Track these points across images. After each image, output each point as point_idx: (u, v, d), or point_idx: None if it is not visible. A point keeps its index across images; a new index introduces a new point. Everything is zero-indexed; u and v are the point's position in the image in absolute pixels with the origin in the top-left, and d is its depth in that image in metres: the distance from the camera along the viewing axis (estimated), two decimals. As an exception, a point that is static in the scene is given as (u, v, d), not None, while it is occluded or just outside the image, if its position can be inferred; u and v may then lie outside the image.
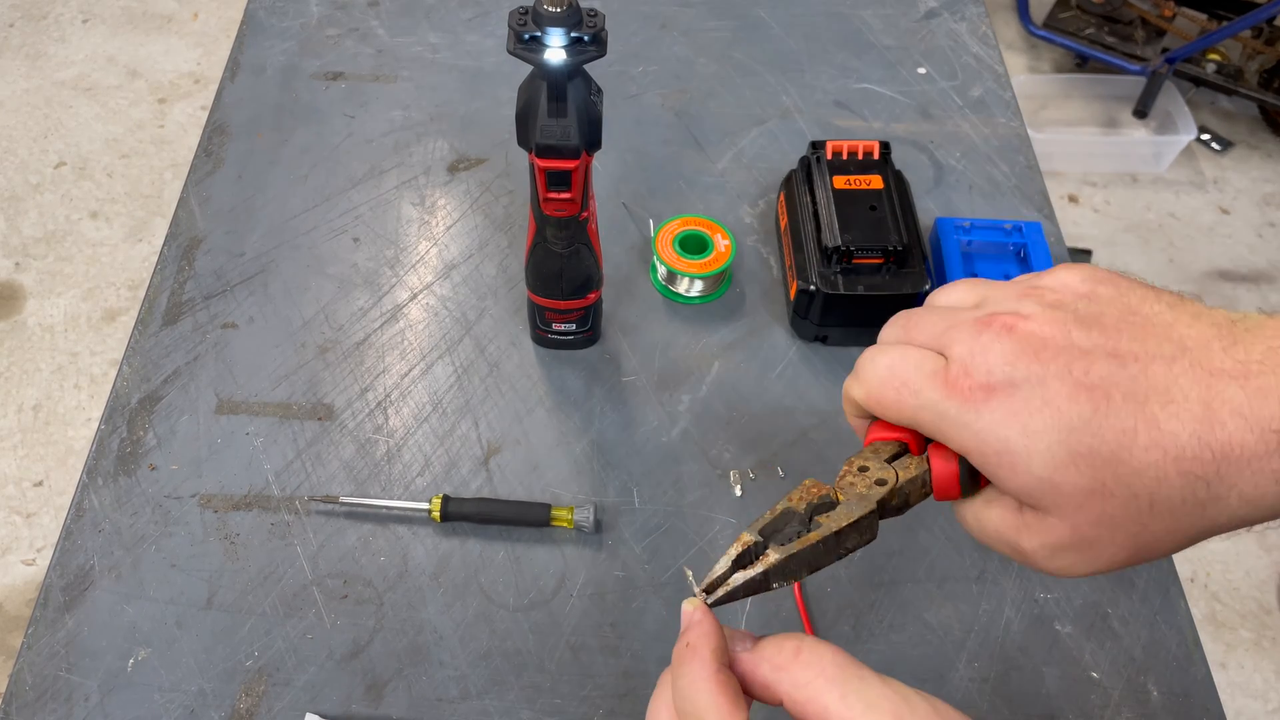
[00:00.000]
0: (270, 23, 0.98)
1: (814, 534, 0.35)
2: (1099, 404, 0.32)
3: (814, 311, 0.72)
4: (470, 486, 0.67)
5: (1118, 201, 2.14)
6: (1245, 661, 1.51)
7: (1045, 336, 0.34)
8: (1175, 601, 0.63)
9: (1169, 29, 2.23)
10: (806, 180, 0.77)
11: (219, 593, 0.62)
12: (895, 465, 0.38)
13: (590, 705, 0.58)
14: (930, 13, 1.01)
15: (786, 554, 0.35)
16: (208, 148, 0.87)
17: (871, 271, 0.71)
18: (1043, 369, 0.33)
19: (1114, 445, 0.32)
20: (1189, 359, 0.32)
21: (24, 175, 2.10)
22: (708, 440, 0.70)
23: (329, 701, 0.58)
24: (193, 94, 2.28)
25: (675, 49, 0.97)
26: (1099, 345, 0.33)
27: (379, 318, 0.76)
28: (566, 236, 0.63)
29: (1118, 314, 0.34)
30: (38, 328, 1.86)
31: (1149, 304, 0.35)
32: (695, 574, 0.38)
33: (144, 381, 0.72)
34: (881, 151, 0.77)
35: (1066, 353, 0.33)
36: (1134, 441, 0.31)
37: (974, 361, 0.34)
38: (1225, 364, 0.31)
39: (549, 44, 0.51)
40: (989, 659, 0.60)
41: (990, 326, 0.35)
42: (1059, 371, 0.33)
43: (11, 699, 0.58)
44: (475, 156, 0.88)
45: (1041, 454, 0.32)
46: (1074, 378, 0.32)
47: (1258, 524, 0.33)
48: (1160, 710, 0.58)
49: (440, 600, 0.62)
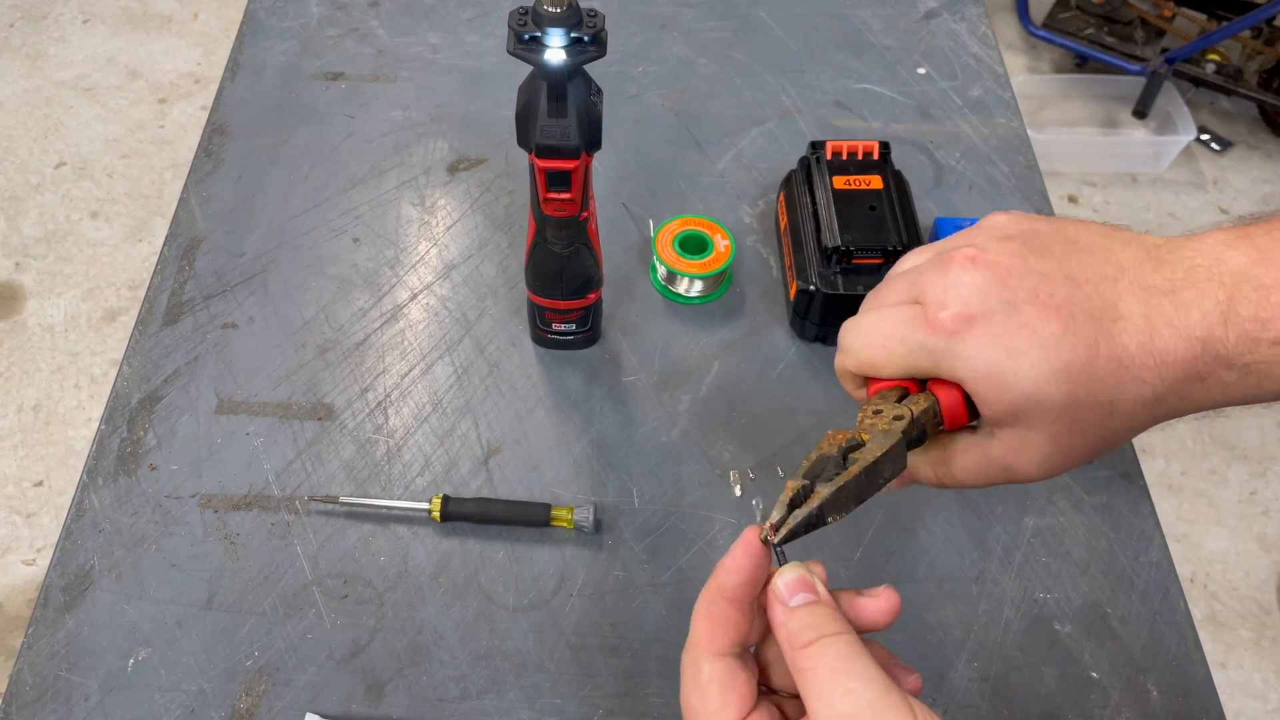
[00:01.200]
0: (270, 23, 0.98)
1: (854, 468, 0.38)
2: (1065, 323, 0.36)
3: (814, 312, 0.72)
4: (470, 486, 0.67)
5: (1117, 202, 2.14)
6: (1245, 661, 1.51)
7: (1007, 265, 0.37)
8: (1175, 601, 0.63)
9: (1169, 29, 2.23)
10: (806, 180, 0.77)
11: (219, 593, 0.62)
12: (905, 403, 0.40)
13: (590, 705, 0.58)
14: (930, 13, 1.02)
15: (835, 488, 0.37)
16: (208, 148, 0.87)
17: (871, 272, 0.71)
18: (1012, 294, 0.37)
19: (1083, 359, 0.36)
20: (1128, 279, 0.37)
21: (24, 175, 2.10)
22: (708, 440, 0.70)
23: (329, 701, 0.58)
24: (193, 94, 2.28)
25: (675, 49, 0.98)
26: (1055, 270, 0.37)
27: (379, 318, 0.76)
28: (566, 236, 0.63)
29: (1062, 243, 0.38)
30: (38, 328, 1.86)
31: (1084, 233, 0.39)
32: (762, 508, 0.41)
33: (144, 381, 0.72)
34: (881, 152, 0.77)
35: (1030, 277, 0.37)
36: (1096, 354, 0.36)
37: (949, 296, 0.37)
38: (1156, 281, 0.36)
39: (549, 44, 0.51)
40: (988, 659, 0.60)
41: (955, 262, 0.38)
42: (1027, 295, 0.36)
43: (11, 699, 0.58)
44: (475, 157, 0.88)
45: (1026, 372, 0.36)
46: (1041, 300, 0.36)
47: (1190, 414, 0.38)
48: (1160, 710, 0.59)
49: (440, 600, 0.62)
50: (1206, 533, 1.64)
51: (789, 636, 0.34)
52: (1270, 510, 1.67)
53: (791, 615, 0.34)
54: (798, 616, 0.34)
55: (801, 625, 0.34)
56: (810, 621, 0.34)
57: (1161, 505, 1.64)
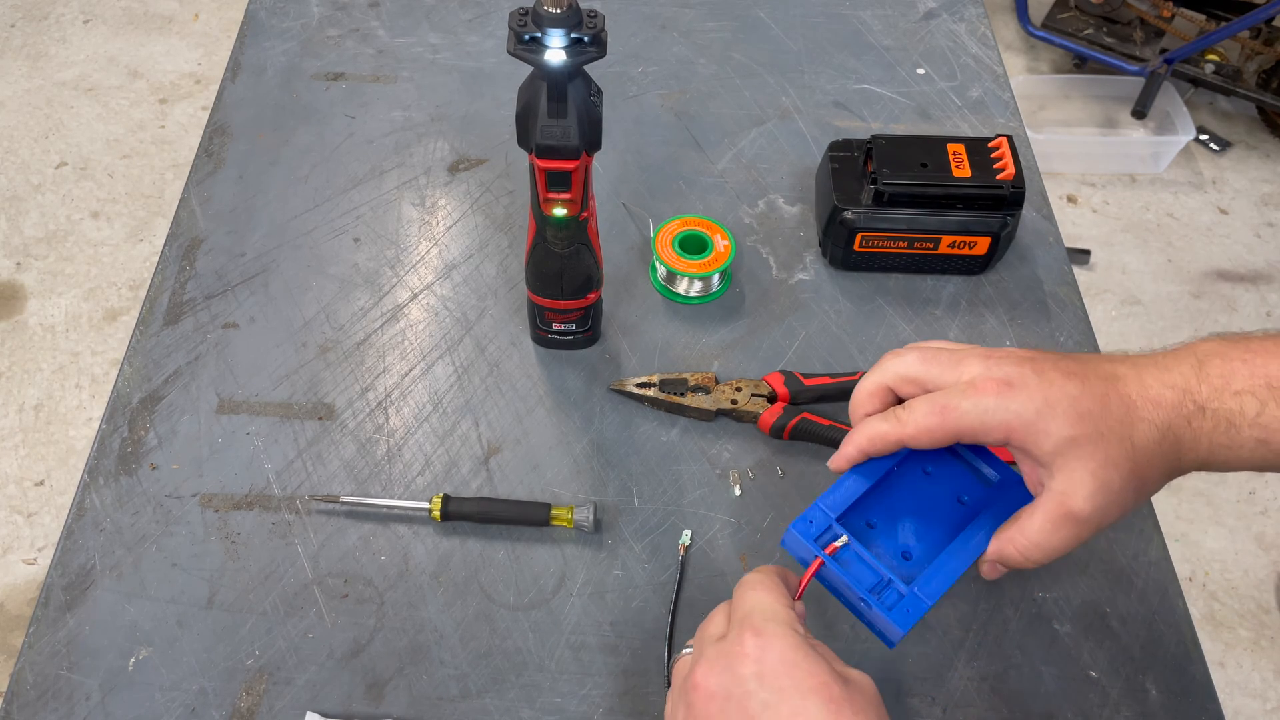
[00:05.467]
0: (271, 23, 0.99)
1: None
2: (1081, 383, 0.46)
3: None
4: (470, 486, 0.67)
5: (1116, 202, 2.14)
6: (1244, 660, 1.51)
7: (1030, 354, 0.48)
8: (1174, 601, 0.63)
9: (1167, 29, 2.24)
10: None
11: (220, 592, 0.62)
12: None
13: (590, 704, 0.58)
14: (929, 13, 1.02)
15: None
16: (209, 148, 0.88)
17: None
18: (1038, 367, 0.47)
19: (1099, 407, 0.46)
20: (1121, 360, 0.48)
21: (25, 175, 2.10)
22: (707, 440, 0.70)
23: (330, 700, 0.58)
24: (194, 94, 2.28)
25: (675, 50, 0.98)
26: (1064, 356, 0.49)
27: (379, 318, 0.76)
28: (566, 236, 0.63)
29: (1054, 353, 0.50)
30: (39, 328, 1.86)
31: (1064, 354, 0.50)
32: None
33: (145, 381, 0.72)
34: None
35: (1049, 359, 0.48)
36: (1109, 402, 0.46)
37: (993, 371, 0.47)
38: (1143, 360, 0.48)
39: (549, 45, 0.52)
40: (988, 658, 0.60)
41: (993, 354, 0.48)
42: (1050, 367, 0.47)
43: (13, 698, 0.58)
44: (475, 157, 0.88)
45: (1060, 418, 0.45)
46: (1061, 369, 0.47)
47: (1193, 469, 0.47)
48: (1159, 709, 0.59)
49: (440, 599, 0.62)
50: (1205, 532, 1.64)
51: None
52: (1269, 510, 1.67)
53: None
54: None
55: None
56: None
57: (1160, 504, 1.63)
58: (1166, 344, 0.49)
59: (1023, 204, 0.76)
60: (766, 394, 0.70)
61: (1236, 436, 0.45)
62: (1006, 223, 0.76)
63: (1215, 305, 1.95)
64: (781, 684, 0.41)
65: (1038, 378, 0.46)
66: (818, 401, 0.71)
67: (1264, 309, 1.95)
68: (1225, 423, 0.45)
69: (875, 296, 0.78)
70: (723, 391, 0.70)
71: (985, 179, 0.75)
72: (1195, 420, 0.45)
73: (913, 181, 0.75)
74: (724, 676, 0.42)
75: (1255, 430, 0.45)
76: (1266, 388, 0.45)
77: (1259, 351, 0.46)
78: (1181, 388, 0.46)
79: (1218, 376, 0.46)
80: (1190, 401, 0.45)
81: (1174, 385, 0.46)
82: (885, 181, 0.75)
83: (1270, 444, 0.45)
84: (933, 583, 0.49)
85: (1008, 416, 0.46)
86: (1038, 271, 0.80)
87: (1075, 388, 0.46)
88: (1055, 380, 0.46)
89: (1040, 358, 0.48)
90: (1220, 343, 0.47)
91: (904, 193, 0.75)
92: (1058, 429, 0.45)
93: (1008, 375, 0.46)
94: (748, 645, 0.43)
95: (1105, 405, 0.46)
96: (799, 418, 0.68)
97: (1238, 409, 0.45)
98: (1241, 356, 0.46)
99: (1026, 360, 0.47)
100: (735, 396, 0.70)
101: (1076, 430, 0.45)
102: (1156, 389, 0.46)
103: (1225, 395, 0.45)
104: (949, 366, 0.49)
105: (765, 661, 0.42)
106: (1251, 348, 0.46)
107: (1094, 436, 0.45)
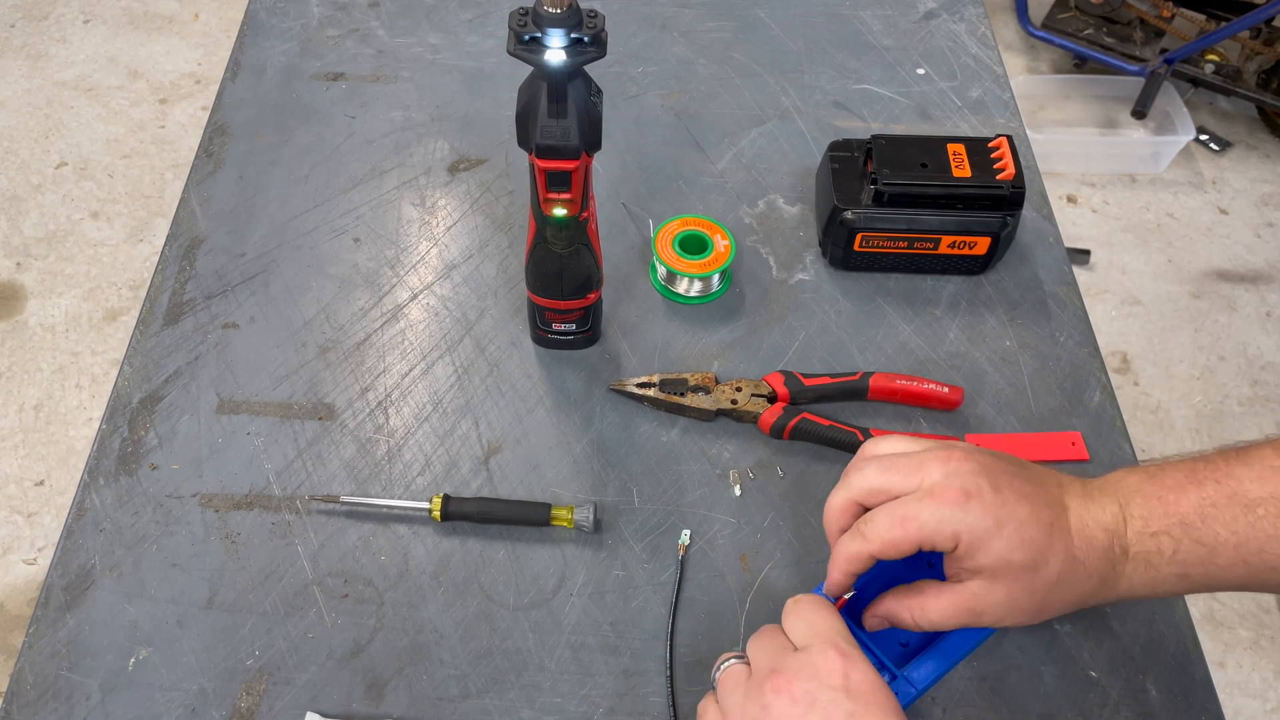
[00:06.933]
0: (271, 23, 0.99)
1: None
2: (1031, 507, 0.49)
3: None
4: (470, 486, 0.67)
5: (1116, 202, 2.14)
6: (1244, 661, 1.51)
7: (987, 462, 0.50)
8: (1173, 601, 0.63)
9: (1167, 29, 2.24)
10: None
11: (220, 592, 0.62)
12: None
13: (590, 704, 0.58)
14: (929, 13, 1.02)
15: None
16: (209, 148, 0.88)
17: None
18: (995, 480, 0.49)
19: (1044, 535, 0.48)
20: (1067, 487, 0.51)
21: (25, 175, 2.11)
22: (707, 440, 0.70)
23: (330, 700, 0.58)
24: (194, 94, 2.29)
25: (675, 50, 0.98)
26: (1019, 470, 0.51)
27: (379, 318, 0.76)
28: (566, 237, 0.63)
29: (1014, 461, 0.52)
30: (39, 328, 1.86)
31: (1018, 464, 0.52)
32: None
33: (145, 381, 0.72)
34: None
35: (1005, 472, 0.50)
36: (1052, 535, 0.48)
37: (951, 481, 0.49)
38: (1081, 491, 0.51)
39: (549, 45, 0.52)
40: (987, 658, 0.60)
41: (953, 456, 0.50)
42: (1006, 482, 0.49)
43: (13, 698, 0.58)
44: (475, 157, 0.88)
45: (1005, 539, 0.48)
46: (1015, 488, 0.49)
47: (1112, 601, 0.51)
48: (1159, 709, 0.59)
49: (440, 599, 0.62)
50: (1206, 533, 1.64)
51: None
52: (1269, 510, 1.67)
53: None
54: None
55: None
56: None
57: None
58: (1166, 344, 0.49)
59: (1023, 204, 0.76)
60: (766, 394, 0.70)
61: (1156, 575, 0.49)
62: (1006, 223, 0.76)
63: (1215, 305, 1.95)
64: (866, 699, 0.44)
65: (994, 493, 0.48)
66: (818, 401, 0.71)
67: (1264, 309, 1.95)
68: (1144, 563, 0.49)
69: (875, 296, 0.78)
70: (723, 391, 0.70)
71: (985, 179, 0.75)
72: (1119, 564, 0.49)
73: (913, 182, 0.75)
74: (810, 684, 0.45)
75: (1173, 567, 0.49)
76: (1180, 525, 0.48)
77: (1172, 488, 0.49)
78: (1110, 529, 0.49)
79: (1139, 519, 0.49)
80: (1117, 545, 0.49)
81: (1105, 527, 0.49)
82: (885, 181, 0.75)
83: (1190, 577, 0.49)
84: (921, 669, 0.53)
85: (960, 528, 0.48)
86: (1038, 271, 0.80)
87: (1025, 511, 0.48)
88: (1008, 500, 0.48)
89: (996, 469, 0.50)
90: (1142, 478, 0.50)
91: (904, 193, 0.75)
92: (1000, 549, 0.48)
93: (966, 486, 0.48)
94: (833, 660, 0.46)
95: (1049, 537, 0.48)
96: (799, 418, 0.68)
97: (1155, 549, 0.49)
98: (1158, 494, 0.49)
99: (983, 471, 0.49)
100: (735, 396, 0.70)
101: (1016, 556, 0.48)
102: (1092, 528, 0.49)
103: (1144, 537, 0.49)
104: (909, 473, 0.50)
105: (851, 677, 0.45)
106: (1166, 483, 0.49)
107: (1027, 565, 0.48)
